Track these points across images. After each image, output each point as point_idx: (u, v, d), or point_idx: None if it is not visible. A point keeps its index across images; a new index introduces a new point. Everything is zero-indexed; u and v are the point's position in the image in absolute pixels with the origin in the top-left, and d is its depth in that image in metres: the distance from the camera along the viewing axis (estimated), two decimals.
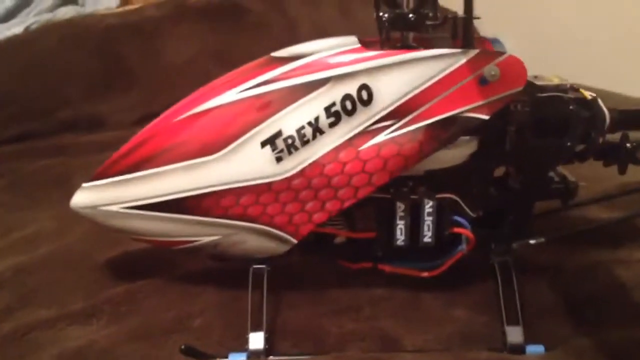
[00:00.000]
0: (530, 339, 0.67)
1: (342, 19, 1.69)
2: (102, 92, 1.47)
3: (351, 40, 0.69)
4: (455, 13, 0.69)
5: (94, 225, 0.75)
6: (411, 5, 0.68)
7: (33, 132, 1.38)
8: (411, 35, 0.69)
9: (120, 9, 1.68)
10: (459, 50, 0.66)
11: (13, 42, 1.52)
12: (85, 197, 0.72)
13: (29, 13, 1.75)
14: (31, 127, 1.39)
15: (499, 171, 0.76)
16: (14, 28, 1.63)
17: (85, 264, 0.84)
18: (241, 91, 0.68)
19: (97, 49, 1.50)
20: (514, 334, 0.67)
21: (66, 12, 1.71)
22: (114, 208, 0.71)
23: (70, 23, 1.57)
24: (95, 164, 1.15)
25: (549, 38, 1.66)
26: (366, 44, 0.69)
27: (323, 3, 1.75)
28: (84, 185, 0.73)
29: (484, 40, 0.71)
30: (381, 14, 0.69)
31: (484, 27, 0.78)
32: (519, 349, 0.66)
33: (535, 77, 0.72)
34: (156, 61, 1.54)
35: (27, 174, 1.20)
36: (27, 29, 1.63)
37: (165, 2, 1.65)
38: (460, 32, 0.68)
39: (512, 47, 0.70)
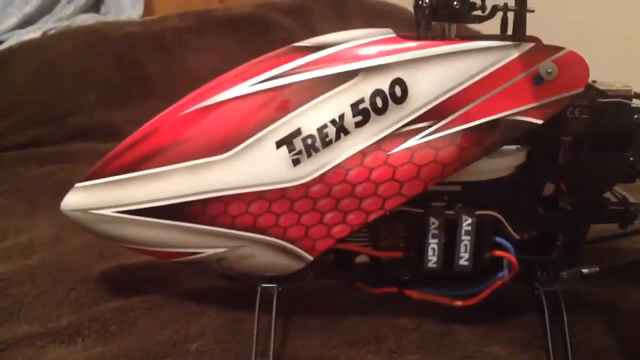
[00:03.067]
0: None
1: None
2: (117, 101, 1.43)
3: (385, 31, 0.62)
4: (505, 4, 0.61)
5: (92, 235, 0.68)
6: None
7: (44, 138, 1.34)
8: (454, 28, 0.61)
9: (142, 19, 1.66)
10: (510, 42, 0.58)
11: (28, 46, 1.50)
12: (76, 198, 0.65)
13: (48, 20, 1.72)
14: (42, 133, 1.35)
15: (549, 188, 0.68)
16: (32, 34, 1.61)
17: (77, 275, 0.76)
18: (256, 83, 0.61)
19: (115, 56, 1.48)
20: None
21: (86, 19, 1.68)
22: (107, 212, 0.63)
23: (87, 29, 1.56)
24: None
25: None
26: (402, 36, 0.61)
27: (353, 22, 1.71)
28: (77, 185, 0.65)
29: (535, 39, 0.62)
30: (420, 1, 0.61)
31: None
32: None
33: (594, 82, 0.64)
34: (176, 72, 1.51)
35: (30, 179, 1.16)
36: (44, 34, 1.60)
37: (189, 12, 1.63)
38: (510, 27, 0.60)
39: None
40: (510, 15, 0.60)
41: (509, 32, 0.60)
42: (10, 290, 0.75)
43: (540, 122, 0.58)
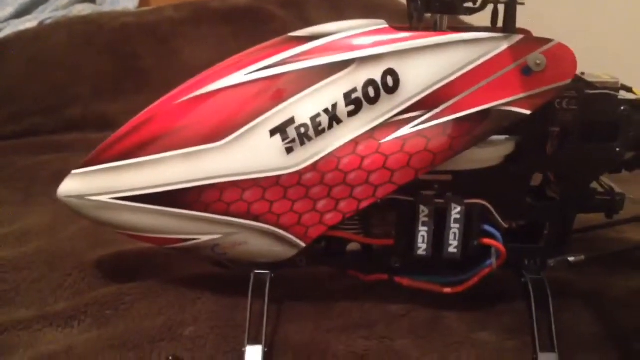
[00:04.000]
0: None
1: None
2: (112, 92, 1.43)
3: (378, 22, 0.62)
4: None
5: (88, 223, 0.70)
6: None
7: (39, 128, 1.35)
8: (446, 19, 0.62)
9: (137, 9, 1.65)
10: (500, 34, 0.59)
11: (23, 36, 1.50)
12: (72, 185, 0.65)
13: (45, 9, 1.71)
14: (37, 123, 1.35)
15: (537, 178, 0.68)
16: (28, 24, 1.60)
17: (73, 262, 0.77)
18: (251, 72, 0.61)
19: (110, 47, 1.47)
20: None
21: (82, 9, 1.68)
22: (104, 198, 0.64)
23: (83, 20, 1.55)
24: None
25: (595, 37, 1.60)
26: (395, 27, 0.62)
27: (348, 14, 1.71)
28: (73, 172, 0.66)
29: (526, 31, 0.63)
30: None
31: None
32: None
33: (583, 74, 0.65)
34: (171, 63, 1.50)
35: (25, 168, 1.16)
36: (40, 24, 1.59)
37: (185, 3, 1.62)
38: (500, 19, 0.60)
39: None
40: (502, 8, 0.61)
41: (500, 24, 0.61)
42: (7, 276, 0.76)
43: (528, 112, 0.59)
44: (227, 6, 1.62)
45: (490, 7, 0.62)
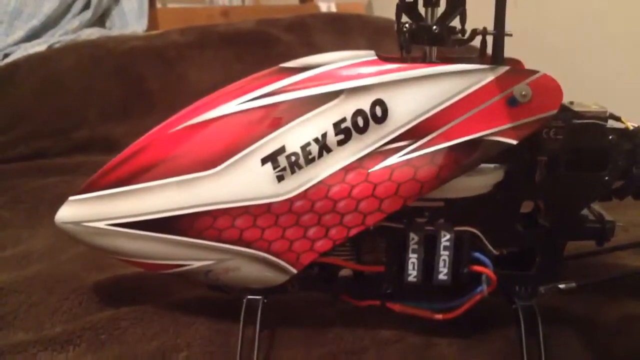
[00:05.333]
0: None
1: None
2: (118, 115, 1.46)
3: (367, 53, 0.63)
4: (484, 28, 0.63)
5: (85, 247, 0.69)
6: (436, 17, 0.62)
7: (46, 151, 1.37)
8: (434, 51, 0.63)
9: (144, 33, 1.68)
10: (486, 66, 0.59)
11: (32, 59, 1.53)
12: (69, 211, 0.66)
13: (54, 33, 1.75)
14: (44, 146, 1.38)
15: (528, 206, 0.68)
16: (38, 47, 1.64)
17: (71, 286, 0.78)
18: (243, 102, 0.62)
19: (117, 71, 1.50)
20: None
21: (91, 33, 1.72)
22: (99, 225, 0.64)
23: (91, 43, 1.60)
24: None
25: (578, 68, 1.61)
26: (384, 58, 0.63)
27: (352, 38, 1.73)
28: (70, 198, 0.67)
29: (516, 61, 0.64)
30: (402, 25, 0.63)
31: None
32: None
33: (571, 103, 0.65)
34: (177, 87, 1.53)
35: (31, 190, 1.17)
36: (49, 47, 1.63)
37: (191, 27, 1.65)
38: (488, 50, 0.61)
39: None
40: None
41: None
42: (7, 299, 0.76)
43: (515, 142, 0.59)
44: (232, 30, 1.65)
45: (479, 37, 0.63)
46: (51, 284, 0.79)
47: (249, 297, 0.65)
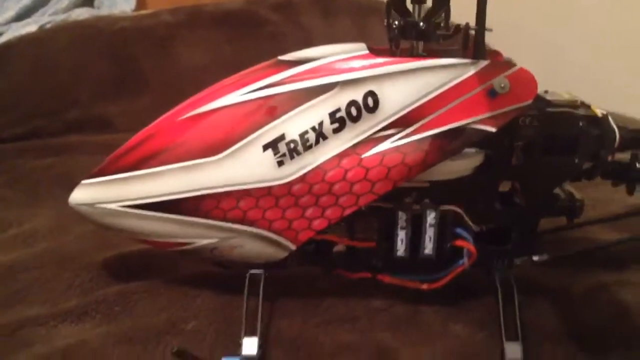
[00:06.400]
0: (529, 357, 0.66)
1: (358, 36, 1.68)
2: (112, 94, 1.48)
3: (359, 47, 0.68)
4: (467, 24, 0.68)
5: (92, 226, 0.74)
6: (422, 14, 0.67)
7: (40, 130, 1.39)
8: (421, 45, 0.68)
9: (135, 13, 1.69)
10: (468, 60, 0.65)
11: (25, 40, 1.53)
12: (83, 193, 0.71)
13: (44, 12, 1.76)
14: (39, 126, 1.40)
15: (505, 186, 0.74)
16: (28, 27, 1.65)
17: (81, 263, 0.83)
18: (246, 93, 0.67)
19: (109, 51, 1.51)
20: (513, 351, 0.66)
21: (80, 13, 1.73)
22: (112, 206, 0.70)
23: (82, 24, 1.59)
24: (99, 164, 1.16)
25: (560, 57, 1.66)
26: (375, 51, 0.68)
27: (339, 18, 1.75)
28: (83, 182, 0.72)
29: (496, 53, 0.69)
30: (391, 21, 0.68)
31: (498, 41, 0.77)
32: None
33: (546, 91, 0.71)
34: (168, 67, 1.55)
35: (29, 170, 1.20)
36: (40, 28, 1.64)
37: (180, 8, 1.66)
38: (471, 43, 0.66)
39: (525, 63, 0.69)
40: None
41: None
42: (19, 275, 0.81)
43: (494, 129, 0.65)
44: (221, 10, 1.66)
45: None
46: (61, 261, 0.84)
47: (252, 271, 0.71)
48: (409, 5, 0.68)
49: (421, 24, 0.66)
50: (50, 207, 1.02)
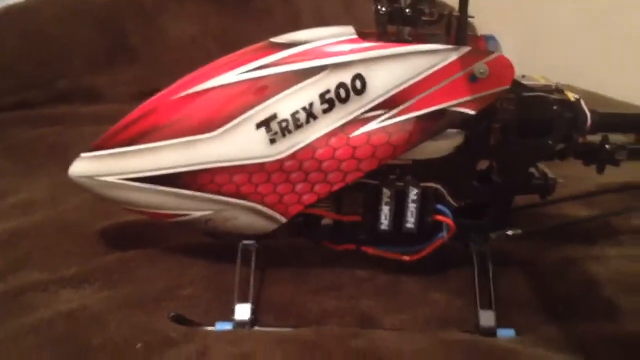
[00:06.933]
0: (502, 324, 0.71)
1: (345, 12, 1.71)
2: (102, 65, 1.49)
3: (348, 31, 0.71)
4: (451, 9, 0.71)
5: (88, 196, 0.77)
6: (409, 1, 0.70)
7: (31, 100, 1.40)
8: (407, 30, 0.72)
9: None
10: (450, 46, 0.69)
11: (14, 10, 1.52)
12: (83, 166, 0.74)
13: None
14: (30, 96, 1.41)
15: (483, 164, 0.79)
16: None
17: (79, 231, 0.86)
18: (240, 73, 0.70)
19: (99, 23, 1.52)
20: (487, 318, 0.71)
21: None
22: (111, 179, 0.73)
23: None
24: (91, 135, 1.17)
25: (545, 38, 1.70)
26: (363, 35, 0.71)
27: None
28: (82, 155, 0.75)
29: (478, 38, 0.73)
30: (379, 7, 0.71)
31: (483, 24, 0.80)
32: (491, 332, 0.70)
33: (523, 76, 0.75)
34: (158, 38, 1.56)
35: (23, 141, 1.23)
36: None
37: None
38: (454, 29, 0.70)
39: (509, 44, 0.73)
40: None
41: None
42: (20, 243, 0.85)
43: (473, 112, 0.69)
44: None
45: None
46: (60, 229, 0.87)
47: (244, 242, 0.75)
48: None
49: (407, 10, 0.69)
50: (45, 176, 1.05)
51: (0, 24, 1.49)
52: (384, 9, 0.70)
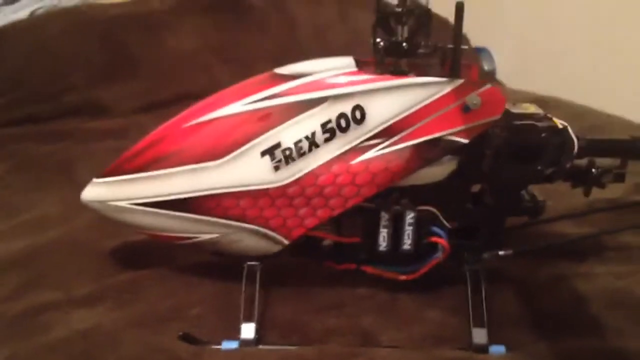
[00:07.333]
0: (494, 341, 0.74)
1: (340, 21, 1.75)
2: (105, 80, 1.52)
3: (348, 62, 0.75)
4: (444, 45, 0.75)
5: (98, 214, 0.80)
6: (405, 34, 0.74)
7: (37, 115, 1.44)
8: (404, 60, 0.76)
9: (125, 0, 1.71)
10: (445, 79, 0.72)
11: (19, 27, 1.56)
12: (95, 191, 0.78)
13: None
14: (36, 111, 1.44)
15: (476, 187, 0.82)
16: (20, 12, 1.67)
17: (91, 250, 0.90)
18: (245, 104, 0.74)
19: (102, 38, 1.55)
20: (479, 335, 0.74)
21: None
22: (122, 204, 0.77)
23: (74, 11, 1.62)
24: (97, 151, 1.22)
25: (539, 49, 1.74)
26: (362, 65, 0.75)
27: (323, 4, 1.80)
28: (95, 180, 0.78)
29: (470, 68, 0.77)
30: (378, 40, 0.75)
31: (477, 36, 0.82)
32: (483, 349, 0.74)
33: (513, 104, 0.79)
34: (159, 52, 1.59)
35: (31, 157, 1.26)
36: (32, 14, 1.66)
37: None
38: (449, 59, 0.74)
39: (502, 57, 0.76)
40: None
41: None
42: (33, 262, 0.88)
43: (466, 141, 0.73)
44: None
45: None
46: (72, 248, 0.91)
47: (249, 262, 0.79)
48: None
49: (404, 44, 0.73)
50: (55, 193, 1.08)
51: (6, 39, 1.52)
52: (382, 43, 0.74)
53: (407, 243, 0.78)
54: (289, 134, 0.73)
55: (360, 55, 0.79)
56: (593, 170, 0.81)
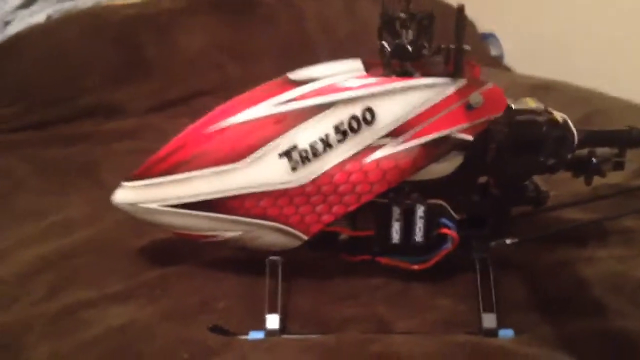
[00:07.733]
0: (502, 325, 0.78)
1: (347, 15, 1.78)
2: (119, 81, 1.56)
3: (357, 66, 0.80)
4: (448, 46, 0.79)
5: (124, 214, 0.85)
6: (410, 36, 0.78)
7: (55, 118, 1.48)
8: (409, 64, 0.80)
9: (138, 0, 1.75)
10: (449, 80, 0.77)
11: (35, 31, 1.61)
12: (126, 195, 0.83)
13: None
14: (54, 114, 1.49)
15: (481, 179, 0.86)
16: (36, 16, 1.71)
17: (120, 249, 0.94)
18: (261, 109, 0.78)
19: (115, 39, 1.60)
20: (489, 320, 0.78)
21: (86, 0, 1.78)
22: (152, 205, 0.81)
23: (89, 14, 1.66)
24: (117, 152, 1.27)
25: (545, 35, 1.76)
26: (370, 68, 0.79)
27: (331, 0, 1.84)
28: (124, 183, 0.83)
29: (473, 67, 0.81)
30: (384, 43, 0.79)
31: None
32: (493, 333, 0.78)
33: (515, 100, 0.83)
34: (171, 52, 1.63)
35: (52, 160, 1.30)
36: (48, 17, 1.70)
37: None
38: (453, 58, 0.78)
39: (509, 42, 0.80)
40: None
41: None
42: (66, 262, 0.93)
43: (471, 138, 0.78)
44: None
45: None
46: (102, 247, 0.96)
47: (271, 257, 0.83)
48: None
49: (409, 47, 0.77)
50: (80, 195, 1.13)
51: (23, 44, 1.57)
52: (388, 47, 0.78)
53: (418, 235, 0.82)
54: (304, 136, 0.77)
55: (368, 47, 0.83)
56: (593, 159, 0.85)
